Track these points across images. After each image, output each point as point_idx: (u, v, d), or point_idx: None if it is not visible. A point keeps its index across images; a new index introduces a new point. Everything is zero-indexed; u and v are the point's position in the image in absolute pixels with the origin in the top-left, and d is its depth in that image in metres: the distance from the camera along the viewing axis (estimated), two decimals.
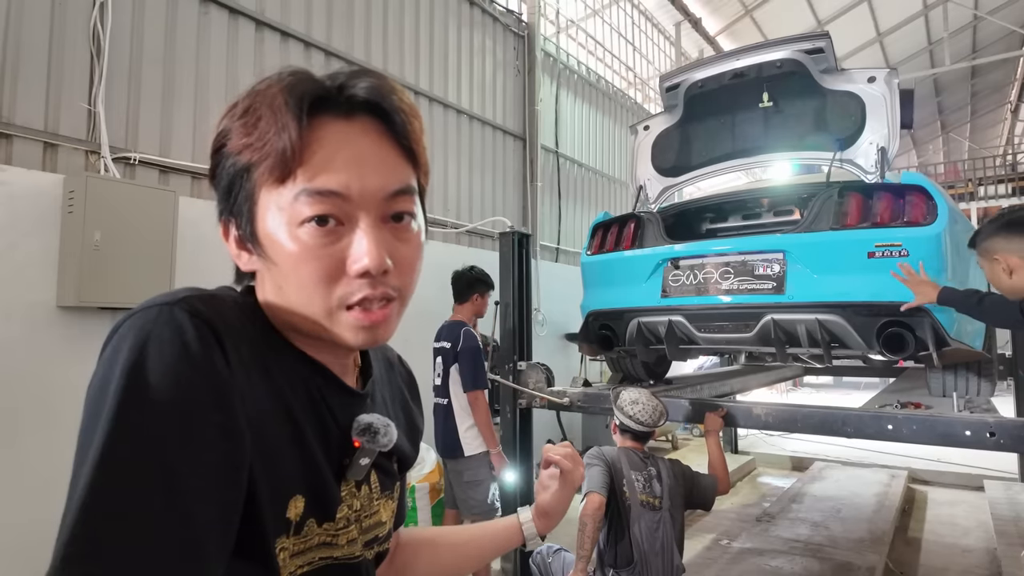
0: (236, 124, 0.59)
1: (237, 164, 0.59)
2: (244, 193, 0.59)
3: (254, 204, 0.59)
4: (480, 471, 3.38)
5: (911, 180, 2.60)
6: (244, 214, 0.60)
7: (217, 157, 0.61)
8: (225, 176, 0.60)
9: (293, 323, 0.62)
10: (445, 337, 3.50)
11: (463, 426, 3.39)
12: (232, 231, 0.63)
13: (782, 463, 7.59)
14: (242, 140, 0.58)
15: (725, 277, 2.82)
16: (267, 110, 0.57)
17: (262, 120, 0.57)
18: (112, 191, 3.24)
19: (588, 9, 8.91)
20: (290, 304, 0.60)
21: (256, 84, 0.61)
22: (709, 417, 2.87)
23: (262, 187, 0.58)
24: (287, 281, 0.59)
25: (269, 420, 0.57)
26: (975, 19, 13.84)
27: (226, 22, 4.24)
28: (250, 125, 0.58)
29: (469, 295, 3.58)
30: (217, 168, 0.61)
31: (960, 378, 3.01)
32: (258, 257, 0.61)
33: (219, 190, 0.62)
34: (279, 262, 0.59)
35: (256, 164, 0.58)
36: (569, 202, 8.12)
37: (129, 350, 0.50)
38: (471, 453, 3.38)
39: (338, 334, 0.61)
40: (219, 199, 0.62)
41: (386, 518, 0.74)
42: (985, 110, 21.09)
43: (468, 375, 3.35)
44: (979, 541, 4.72)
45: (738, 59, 3.02)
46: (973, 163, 14.34)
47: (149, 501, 0.46)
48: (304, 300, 0.59)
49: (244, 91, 0.61)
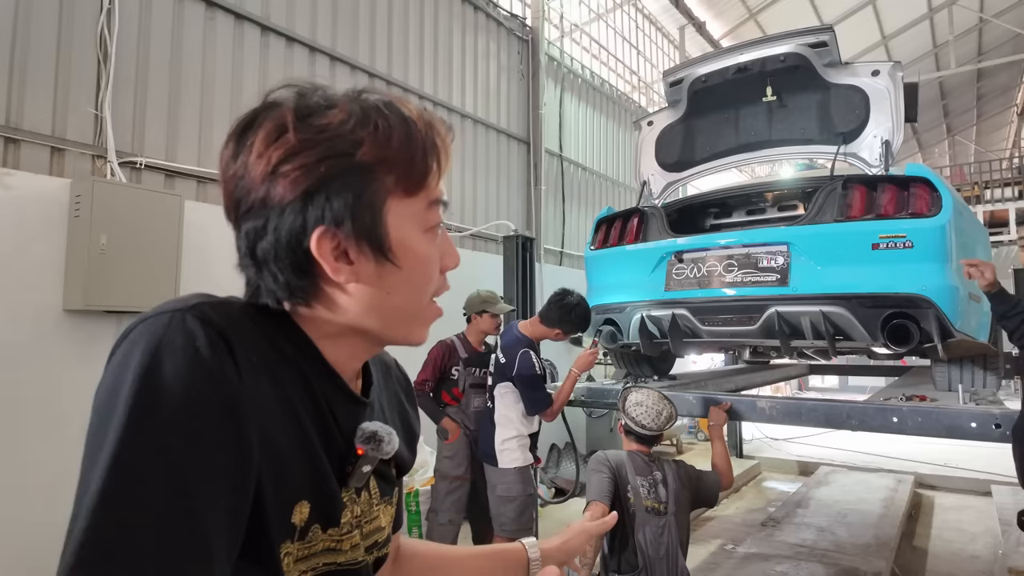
0: (364, 135, 0.59)
1: (358, 175, 0.59)
2: (364, 204, 0.60)
3: (379, 214, 0.61)
4: (514, 487, 3.27)
5: (915, 172, 2.59)
6: (366, 222, 0.60)
7: (333, 165, 0.58)
8: (342, 184, 0.59)
9: (368, 327, 0.65)
10: (505, 349, 3.34)
11: (501, 437, 3.30)
12: (340, 241, 0.59)
13: (788, 468, 7.54)
14: (379, 152, 0.60)
15: (729, 270, 2.81)
16: (401, 130, 0.61)
17: (395, 135, 0.61)
18: (118, 195, 3.26)
19: (592, 13, 8.95)
20: (394, 307, 0.64)
21: (351, 96, 0.62)
22: (713, 411, 2.85)
23: (388, 197, 0.61)
24: (406, 283, 0.64)
25: (277, 427, 0.58)
26: (981, 22, 13.81)
27: (232, 27, 4.29)
28: (383, 140, 0.60)
29: (552, 325, 3.26)
30: (330, 177, 0.58)
31: (966, 371, 2.98)
32: (372, 263, 0.61)
33: (324, 199, 0.58)
34: (407, 266, 0.63)
35: (387, 176, 0.61)
36: (573, 205, 8.13)
37: (142, 355, 0.51)
38: (506, 466, 3.28)
39: (417, 329, 0.67)
40: (320, 209, 0.58)
41: (385, 523, 0.75)
42: (991, 113, 20.99)
43: (529, 402, 3.25)
44: (986, 548, 4.66)
45: (742, 54, 3.03)
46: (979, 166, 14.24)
47: (160, 506, 0.47)
48: (415, 299, 0.66)
49: (342, 100, 0.61)
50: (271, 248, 0.60)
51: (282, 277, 0.60)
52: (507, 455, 3.27)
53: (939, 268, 2.41)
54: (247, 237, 0.61)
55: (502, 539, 3.33)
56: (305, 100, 0.61)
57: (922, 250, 2.40)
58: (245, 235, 0.61)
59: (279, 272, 0.60)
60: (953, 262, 2.43)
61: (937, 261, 2.40)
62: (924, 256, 2.41)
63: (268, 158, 0.58)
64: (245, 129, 0.61)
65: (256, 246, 0.60)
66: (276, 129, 0.59)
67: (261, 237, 0.60)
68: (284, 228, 0.59)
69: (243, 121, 0.62)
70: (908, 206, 2.50)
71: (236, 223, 0.62)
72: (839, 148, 2.94)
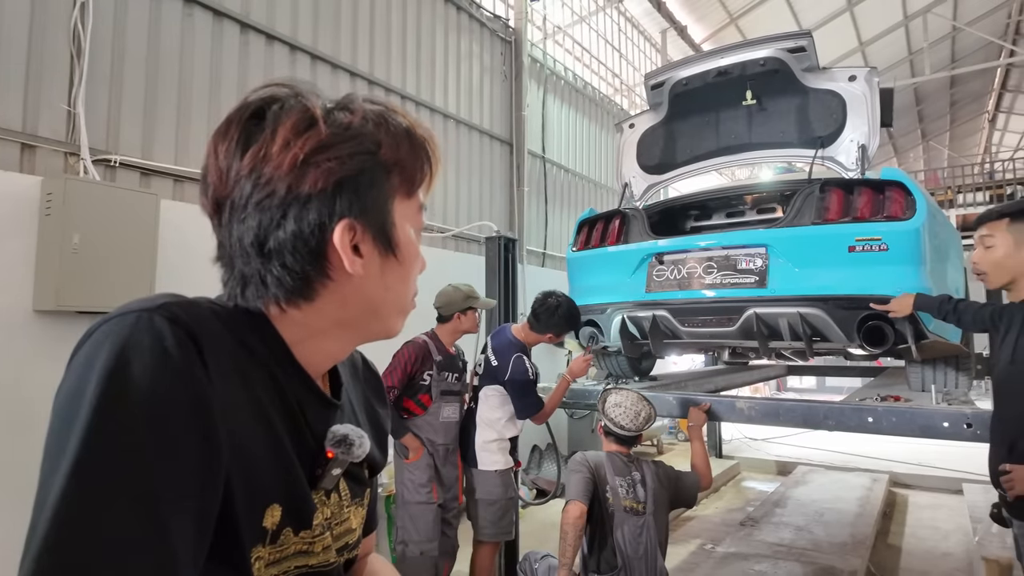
0: (382, 137, 0.64)
1: (379, 172, 0.64)
2: (380, 201, 0.64)
3: (390, 212, 0.65)
4: (495, 490, 3.23)
5: (890, 176, 2.63)
6: (380, 218, 0.64)
7: (361, 160, 0.62)
8: (369, 180, 0.63)
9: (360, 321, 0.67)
10: (498, 352, 3.26)
11: (481, 439, 3.25)
12: (356, 234, 0.62)
13: (766, 468, 7.63)
14: (394, 154, 0.64)
15: (709, 271, 2.83)
16: (406, 137, 0.66)
17: (401, 145, 0.65)
18: (91, 193, 3.19)
19: (575, 16, 8.98)
20: (389, 301, 0.68)
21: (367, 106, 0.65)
22: (693, 412, 2.87)
23: (393, 197, 0.66)
24: (403, 278, 0.68)
25: (247, 429, 0.57)
26: (954, 30, 14.11)
27: (210, 24, 4.22)
28: (393, 145, 0.64)
29: (542, 331, 3.22)
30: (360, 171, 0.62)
31: (939, 371, 3.04)
32: (379, 257, 0.65)
33: (352, 192, 0.61)
34: (406, 261, 0.67)
35: (396, 177, 0.65)
36: (556, 207, 8.14)
37: (107, 355, 0.49)
38: (486, 468, 3.23)
39: (399, 322, 0.71)
40: (348, 201, 0.61)
41: (356, 525, 0.75)
42: (964, 119, 21.48)
43: (521, 407, 3.21)
44: (959, 545, 4.76)
45: (722, 57, 3.05)
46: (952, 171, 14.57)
47: (125, 512, 0.46)
48: (406, 293, 0.70)
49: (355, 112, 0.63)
50: (289, 239, 0.59)
51: (298, 268, 0.60)
52: (488, 457, 3.25)
53: (913, 270, 2.45)
54: (258, 228, 0.59)
55: (484, 543, 3.32)
56: (316, 98, 0.63)
57: (897, 252, 2.44)
58: (257, 226, 0.59)
59: (294, 264, 0.60)
60: (927, 264, 2.48)
61: (911, 263, 2.45)
62: (899, 258, 2.45)
63: (299, 148, 0.59)
64: (251, 119, 0.61)
65: (269, 237, 0.60)
66: (305, 121, 0.60)
67: (278, 227, 0.59)
68: (308, 218, 0.60)
69: (245, 111, 0.61)
70: (884, 209, 2.54)
71: (232, 216, 0.61)
72: (817, 152, 2.98)
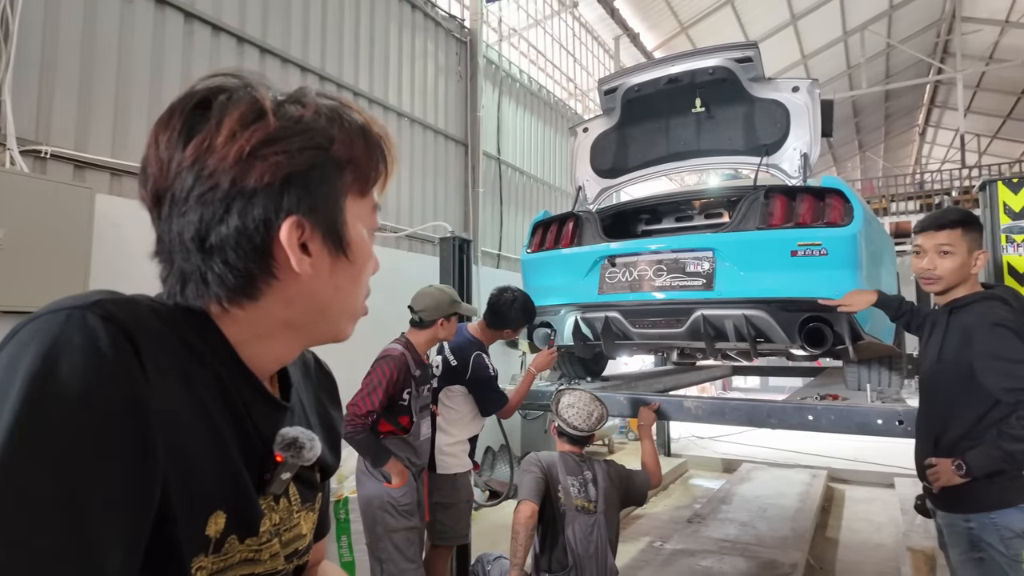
0: (335, 133, 0.61)
1: (331, 169, 0.61)
2: (331, 199, 0.62)
3: (342, 211, 0.63)
4: (454, 494, 3.18)
5: (830, 184, 2.75)
6: (331, 216, 0.62)
7: (312, 156, 0.59)
8: (319, 176, 0.60)
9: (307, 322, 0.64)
10: (457, 351, 3.19)
11: (443, 442, 3.16)
12: (305, 232, 0.60)
13: (713, 465, 7.84)
14: (348, 151, 0.62)
15: (658, 274, 2.89)
16: (360, 134, 0.64)
17: (356, 142, 0.63)
18: (18, 186, 3.04)
19: (530, 19, 9.03)
20: (338, 302, 0.65)
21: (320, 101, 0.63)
22: (642, 411, 2.93)
23: (346, 195, 0.63)
24: (354, 280, 0.66)
25: (188, 432, 0.54)
26: (888, 47, 14.88)
27: (152, 13, 4.06)
28: (347, 142, 0.62)
29: (500, 326, 3.17)
30: (310, 166, 0.59)
31: (873, 371, 3.20)
32: (328, 257, 0.62)
33: (301, 188, 0.59)
34: (357, 261, 0.65)
35: (349, 174, 0.63)
36: (511, 209, 8.17)
37: (33, 357, 0.46)
38: (445, 472, 3.15)
39: (350, 326, 0.68)
40: (296, 197, 0.59)
41: (306, 530, 0.72)
42: (897, 131, 22.69)
43: (486, 403, 3.18)
44: (890, 536, 5.00)
45: (673, 65, 3.12)
46: (886, 181, 15.34)
47: (51, 525, 0.43)
48: (357, 295, 0.67)
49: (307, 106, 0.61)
50: (232, 235, 0.56)
51: (241, 266, 0.57)
52: (447, 460, 3.18)
53: (851, 274, 2.56)
54: (199, 223, 0.56)
55: (438, 547, 3.27)
56: (267, 90, 0.60)
57: (835, 257, 2.54)
58: (198, 221, 0.56)
59: (236, 261, 0.57)
60: (864, 269, 2.59)
61: (849, 267, 2.56)
62: (837, 263, 2.56)
63: (245, 140, 0.56)
64: (196, 108, 0.57)
65: (210, 232, 0.56)
66: (253, 112, 0.57)
67: (220, 223, 0.56)
68: (252, 214, 0.57)
69: (190, 101, 0.58)
70: (824, 216, 2.65)
71: (172, 210, 0.57)
72: (762, 159, 3.08)
